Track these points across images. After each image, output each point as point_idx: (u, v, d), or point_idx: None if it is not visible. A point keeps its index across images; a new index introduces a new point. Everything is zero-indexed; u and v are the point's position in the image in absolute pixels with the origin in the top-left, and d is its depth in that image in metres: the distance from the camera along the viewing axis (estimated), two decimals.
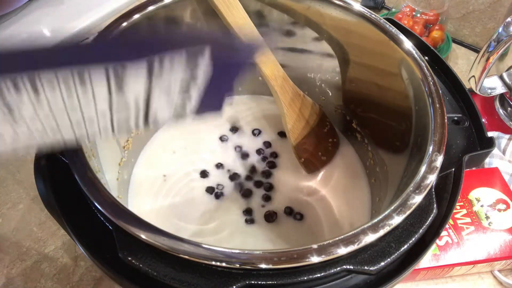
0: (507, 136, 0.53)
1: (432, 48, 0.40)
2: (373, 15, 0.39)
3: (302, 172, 0.46)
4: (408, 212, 0.28)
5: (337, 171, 0.47)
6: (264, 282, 0.26)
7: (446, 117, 0.33)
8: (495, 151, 0.51)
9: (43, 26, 0.68)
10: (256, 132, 0.50)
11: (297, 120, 0.44)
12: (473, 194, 0.47)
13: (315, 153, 0.46)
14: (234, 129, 0.50)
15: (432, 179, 0.30)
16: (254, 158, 0.48)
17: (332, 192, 0.45)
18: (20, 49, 0.18)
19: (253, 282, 0.25)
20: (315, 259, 0.25)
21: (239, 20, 0.40)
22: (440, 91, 0.34)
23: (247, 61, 0.23)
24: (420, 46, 0.38)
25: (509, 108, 0.54)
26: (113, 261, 0.27)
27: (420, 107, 0.36)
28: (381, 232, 0.27)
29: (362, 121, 0.47)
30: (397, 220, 0.27)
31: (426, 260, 0.42)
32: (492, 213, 0.46)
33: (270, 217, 0.43)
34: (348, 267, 0.26)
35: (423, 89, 0.35)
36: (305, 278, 0.26)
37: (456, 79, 0.39)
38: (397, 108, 0.40)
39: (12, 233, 0.48)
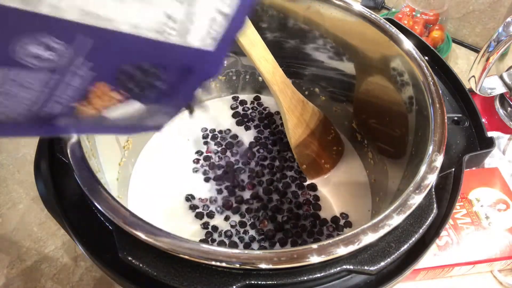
0: (507, 136, 0.53)
1: (432, 48, 0.40)
2: (373, 15, 0.39)
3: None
4: (408, 212, 0.28)
5: (337, 171, 0.47)
6: (264, 282, 0.26)
7: (446, 117, 0.33)
8: (495, 151, 0.51)
9: None
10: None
11: (297, 125, 0.44)
12: (473, 194, 0.47)
13: (318, 160, 0.46)
14: (246, 127, 0.50)
15: (432, 179, 0.30)
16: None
17: (332, 191, 0.45)
18: None
19: (253, 282, 0.25)
20: (315, 259, 0.25)
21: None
22: (440, 91, 0.34)
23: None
24: (420, 46, 0.38)
25: (509, 108, 0.54)
26: (113, 261, 0.27)
27: (420, 107, 0.36)
28: (381, 232, 0.27)
29: (362, 122, 0.47)
30: (397, 220, 0.27)
31: (426, 260, 0.42)
32: (492, 213, 0.46)
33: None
34: (348, 267, 0.26)
35: (423, 89, 0.35)
36: (305, 278, 0.26)
37: (456, 79, 0.39)
38: (397, 108, 0.40)
39: (12, 233, 0.48)
